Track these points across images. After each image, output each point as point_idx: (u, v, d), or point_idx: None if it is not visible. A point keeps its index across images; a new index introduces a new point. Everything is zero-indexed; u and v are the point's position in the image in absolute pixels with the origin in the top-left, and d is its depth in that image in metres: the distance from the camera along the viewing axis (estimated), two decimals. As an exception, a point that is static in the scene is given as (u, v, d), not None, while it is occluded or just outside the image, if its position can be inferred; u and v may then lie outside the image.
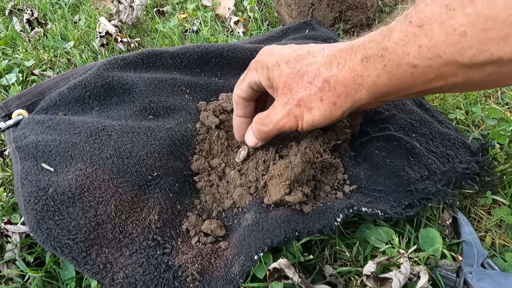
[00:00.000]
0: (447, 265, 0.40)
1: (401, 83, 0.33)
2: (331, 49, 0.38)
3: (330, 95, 0.37)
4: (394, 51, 0.32)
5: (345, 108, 0.38)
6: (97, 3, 1.09)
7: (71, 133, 0.49)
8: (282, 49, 0.41)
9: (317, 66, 0.38)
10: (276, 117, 0.41)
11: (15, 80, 0.72)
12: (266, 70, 0.41)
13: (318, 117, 0.39)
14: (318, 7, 0.88)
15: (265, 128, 0.43)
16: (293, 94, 0.39)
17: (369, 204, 0.43)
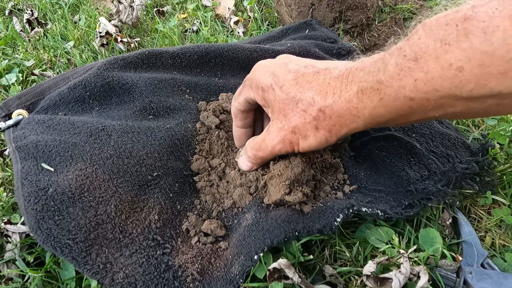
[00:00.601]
0: (447, 265, 0.40)
1: (399, 114, 0.33)
2: (326, 75, 0.37)
3: (325, 124, 0.36)
4: (390, 85, 0.31)
5: (340, 134, 0.37)
6: (97, 3, 1.09)
7: (71, 133, 0.49)
8: (277, 68, 0.40)
9: (311, 94, 0.37)
10: (272, 142, 0.41)
11: (15, 80, 0.72)
12: (261, 91, 0.40)
13: (314, 144, 0.38)
14: (318, 7, 0.88)
15: (261, 154, 0.43)
16: (287, 120, 0.38)
17: (369, 204, 0.43)
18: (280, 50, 0.67)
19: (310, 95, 0.37)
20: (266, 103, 0.41)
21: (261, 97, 0.41)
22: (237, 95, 0.46)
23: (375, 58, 0.33)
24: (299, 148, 0.40)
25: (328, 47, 0.73)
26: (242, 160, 0.47)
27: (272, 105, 0.40)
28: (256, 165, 0.46)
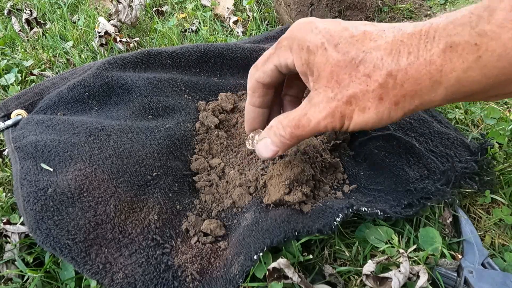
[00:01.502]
0: (447, 264, 0.40)
1: (498, 81, 0.26)
2: (395, 32, 0.29)
3: (393, 93, 0.29)
4: (496, 37, 0.24)
5: (407, 110, 0.30)
6: (96, 3, 1.09)
7: (70, 133, 0.49)
8: (327, 24, 0.32)
9: (379, 54, 0.29)
10: (318, 116, 0.33)
11: (14, 80, 0.72)
12: (306, 52, 0.32)
13: (372, 120, 0.31)
14: (317, 7, 0.88)
15: (300, 131, 0.34)
16: (342, 88, 0.31)
17: (368, 203, 0.43)
18: (280, 49, 0.67)
19: (378, 56, 0.29)
20: (308, 69, 0.33)
21: (304, 61, 0.33)
22: (261, 63, 0.38)
23: (470, 8, 0.27)
24: (351, 124, 0.32)
25: (328, 47, 0.73)
26: (263, 145, 0.38)
27: (320, 70, 0.32)
28: (286, 148, 0.37)
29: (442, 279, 0.39)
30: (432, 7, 0.99)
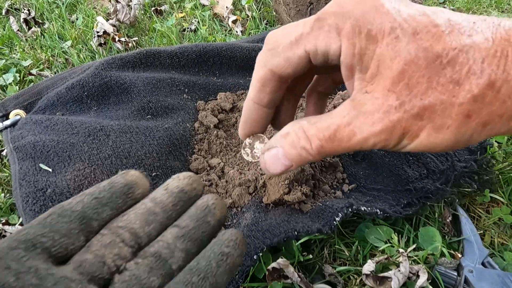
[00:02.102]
0: (447, 263, 0.40)
1: None
2: (493, 27, 0.22)
3: (488, 111, 0.21)
4: None
5: (494, 133, 0.23)
6: (95, 2, 1.08)
7: (69, 133, 0.48)
8: (397, 3, 0.23)
9: (479, 55, 0.21)
10: (369, 129, 0.24)
11: (12, 80, 0.71)
12: (364, 39, 0.23)
13: (446, 143, 0.23)
14: (316, 6, 0.88)
15: (335, 146, 0.25)
16: (414, 95, 0.22)
17: (368, 203, 0.43)
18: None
19: (477, 57, 0.21)
20: (361, 62, 0.24)
21: (358, 50, 0.23)
22: (285, 45, 0.26)
23: None
24: (412, 144, 0.24)
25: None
26: (272, 157, 0.28)
27: (383, 66, 0.23)
28: (303, 163, 0.28)
29: (442, 278, 0.39)
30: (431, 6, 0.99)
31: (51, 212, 0.22)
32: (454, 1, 1.01)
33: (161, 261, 0.23)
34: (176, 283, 0.22)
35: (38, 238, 0.21)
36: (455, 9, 0.94)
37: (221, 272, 0.24)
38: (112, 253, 0.22)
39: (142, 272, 0.22)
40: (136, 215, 0.24)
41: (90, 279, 0.21)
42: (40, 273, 0.19)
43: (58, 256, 0.21)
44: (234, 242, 0.25)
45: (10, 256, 0.19)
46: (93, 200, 0.24)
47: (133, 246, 0.23)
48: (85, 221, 0.23)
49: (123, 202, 0.25)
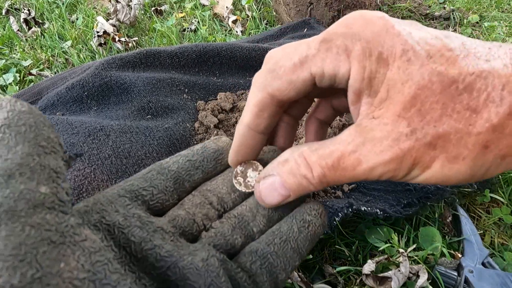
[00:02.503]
0: (447, 263, 0.40)
1: None
2: (509, 52, 0.21)
3: (507, 142, 0.20)
4: None
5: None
6: (95, 2, 1.08)
7: (69, 133, 0.48)
8: (406, 25, 0.22)
9: (498, 81, 0.20)
10: (376, 158, 0.22)
11: (12, 80, 0.71)
12: (375, 62, 0.22)
13: (461, 175, 0.21)
14: (316, 6, 0.88)
15: (338, 175, 0.23)
16: (427, 122, 0.21)
17: (368, 203, 0.43)
18: (279, 49, 0.67)
19: (496, 83, 0.20)
20: (370, 86, 0.22)
21: (368, 73, 0.22)
22: (287, 67, 0.24)
23: None
24: (422, 176, 0.22)
25: (327, 46, 0.73)
26: (269, 186, 0.25)
27: (393, 91, 0.22)
28: (303, 193, 0.25)
29: (442, 278, 0.39)
30: (431, 6, 0.99)
31: (151, 168, 0.25)
32: (454, 1, 1.01)
33: (243, 222, 0.25)
34: (259, 242, 0.24)
35: (140, 190, 0.23)
36: (454, 9, 0.95)
37: (303, 238, 0.25)
38: (202, 213, 0.24)
39: (226, 230, 0.24)
40: (224, 181, 0.26)
41: (181, 232, 0.23)
42: (142, 219, 0.22)
43: (155, 209, 0.24)
44: (316, 211, 0.26)
45: (118, 202, 0.22)
46: (187, 162, 0.26)
47: (219, 210, 0.25)
48: (179, 181, 0.25)
49: (213, 167, 0.27)
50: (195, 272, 0.20)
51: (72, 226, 0.18)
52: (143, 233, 0.21)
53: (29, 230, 0.15)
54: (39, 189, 0.17)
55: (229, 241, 0.23)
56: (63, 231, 0.17)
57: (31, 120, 0.18)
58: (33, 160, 0.17)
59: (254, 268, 0.22)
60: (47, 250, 0.16)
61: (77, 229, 0.18)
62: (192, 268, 0.20)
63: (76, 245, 0.17)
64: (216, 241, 0.23)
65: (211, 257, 0.21)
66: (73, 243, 0.17)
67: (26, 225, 0.16)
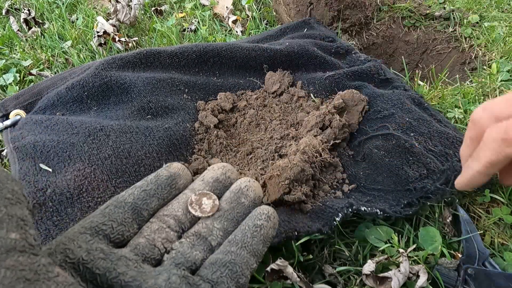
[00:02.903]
0: (447, 263, 0.40)
1: None
2: None
3: None
4: None
5: None
6: (95, 2, 1.08)
7: (69, 133, 0.48)
8: None
9: None
10: None
11: (12, 80, 0.71)
12: None
13: None
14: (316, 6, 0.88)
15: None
16: None
17: (368, 203, 0.43)
18: (279, 49, 0.67)
19: None
20: None
21: None
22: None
23: None
24: None
25: (327, 46, 0.73)
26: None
27: None
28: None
29: (442, 278, 0.39)
30: (431, 6, 0.99)
31: (109, 203, 0.26)
32: (454, 1, 1.01)
33: (201, 238, 0.27)
34: (217, 254, 0.26)
35: (100, 226, 0.25)
36: (454, 9, 0.95)
37: (257, 242, 0.27)
38: (161, 237, 0.26)
39: (186, 248, 0.26)
40: (178, 204, 0.28)
41: (144, 259, 0.24)
42: (105, 251, 0.23)
43: (116, 241, 0.25)
44: (266, 215, 0.29)
45: (80, 238, 0.23)
46: (142, 192, 0.28)
47: (177, 231, 0.27)
48: (137, 211, 0.27)
49: (168, 193, 0.29)
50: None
51: (44, 265, 0.19)
52: (107, 264, 0.22)
53: (5, 271, 0.17)
54: (9, 236, 0.18)
55: (189, 258, 0.25)
56: (36, 270, 0.18)
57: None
58: (0, 211, 0.19)
59: (215, 277, 0.24)
60: (23, 287, 0.17)
61: (49, 267, 0.19)
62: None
63: (50, 280, 0.18)
64: (178, 260, 0.25)
65: (173, 275, 0.23)
66: (47, 279, 0.18)
67: (1, 267, 0.17)
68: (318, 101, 0.60)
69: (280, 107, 0.61)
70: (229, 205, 0.29)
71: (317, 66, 0.67)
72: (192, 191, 0.29)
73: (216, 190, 0.30)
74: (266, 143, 0.54)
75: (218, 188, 0.30)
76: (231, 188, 0.30)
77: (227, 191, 0.31)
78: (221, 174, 0.31)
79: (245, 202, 0.29)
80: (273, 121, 0.58)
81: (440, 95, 0.66)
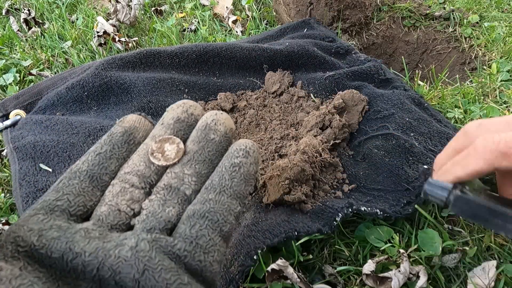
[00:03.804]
0: (451, 259, 0.40)
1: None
2: None
3: None
4: None
5: None
6: (95, 2, 1.08)
7: (69, 133, 0.48)
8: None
9: None
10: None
11: (12, 80, 0.71)
12: None
13: None
14: (316, 6, 0.88)
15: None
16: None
17: (368, 203, 0.43)
18: (279, 49, 0.67)
19: None
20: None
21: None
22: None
23: None
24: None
25: (327, 46, 0.73)
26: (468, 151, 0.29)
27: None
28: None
29: (430, 194, 0.32)
30: (431, 6, 0.99)
31: (62, 178, 0.23)
32: (454, 1, 1.01)
33: (172, 191, 0.23)
34: (194, 204, 0.23)
35: (53, 202, 0.22)
36: (454, 10, 0.95)
37: (237, 183, 0.24)
38: (125, 199, 0.23)
39: (156, 207, 0.22)
40: (139, 157, 0.25)
41: (110, 228, 0.22)
42: (62, 228, 0.20)
43: (79, 214, 0.22)
44: (244, 151, 0.25)
45: (31, 221, 0.21)
46: (96, 156, 0.24)
47: (143, 187, 0.24)
48: (95, 177, 0.23)
49: (126, 151, 0.25)
50: (125, 264, 0.19)
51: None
52: (62, 244, 0.20)
53: None
54: None
55: (162, 218, 0.22)
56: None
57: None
58: None
59: (194, 232, 0.21)
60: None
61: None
62: (121, 261, 0.20)
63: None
64: (149, 224, 0.22)
65: (141, 241, 0.20)
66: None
67: None
68: (318, 101, 0.60)
69: (280, 107, 0.61)
70: (197, 145, 0.25)
71: (317, 66, 0.67)
72: (153, 138, 0.25)
73: (179, 131, 0.26)
74: (266, 143, 0.54)
75: (182, 129, 0.26)
76: (197, 126, 0.26)
77: (194, 130, 0.26)
78: (182, 112, 0.26)
79: (215, 137, 0.25)
80: (273, 121, 0.58)
81: (440, 95, 0.66)
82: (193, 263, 0.21)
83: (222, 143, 0.25)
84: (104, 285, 0.20)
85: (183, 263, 0.20)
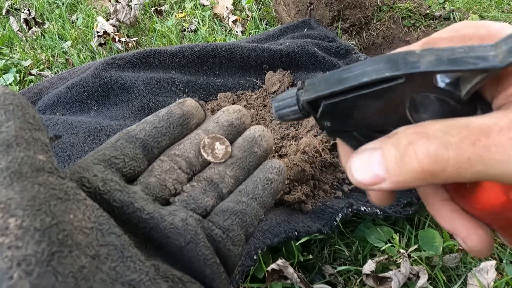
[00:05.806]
0: (452, 259, 0.40)
1: None
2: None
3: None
4: None
5: None
6: (95, 3, 1.08)
7: (69, 133, 0.48)
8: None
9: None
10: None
11: (12, 80, 0.71)
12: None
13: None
14: (316, 6, 0.88)
15: (476, 158, 0.16)
16: None
17: (368, 203, 0.43)
18: (279, 49, 0.67)
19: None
20: None
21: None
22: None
23: None
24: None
25: (327, 46, 0.73)
26: (364, 156, 0.19)
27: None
28: (406, 183, 0.17)
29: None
30: (431, 6, 0.99)
31: (119, 137, 0.25)
32: (454, 1, 1.01)
33: (213, 185, 0.26)
34: (229, 202, 0.25)
35: (112, 159, 0.24)
36: (454, 10, 0.95)
37: (267, 195, 0.27)
38: (172, 178, 0.25)
39: (198, 193, 0.25)
40: (191, 144, 0.27)
41: (155, 198, 0.24)
42: (120, 184, 0.23)
43: (128, 175, 0.24)
44: (277, 170, 0.28)
45: (95, 168, 0.23)
46: (153, 129, 0.26)
47: (188, 173, 0.26)
48: (148, 148, 0.26)
49: (179, 133, 0.28)
50: (175, 231, 0.22)
51: (72, 187, 0.19)
52: (124, 197, 0.22)
53: (38, 187, 0.17)
54: (37, 157, 0.18)
55: (200, 204, 0.25)
56: (65, 191, 0.18)
57: (17, 101, 0.20)
58: (26, 133, 0.19)
59: (226, 224, 0.24)
60: (56, 204, 0.17)
61: (76, 190, 0.19)
62: (173, 228, 0.22)
63: (80, 202, 0.19)
64: (189, 205, 0.25)
65: (190, 217, 0.23)
66: (77, 200, 0.19)
67: (35, 183, 0.17)
68: None
69: (280, 107, 0.61)
70: (242, 153, 0.28)
71: (317, 66, 0.67)
72: (205, 132, 0.28)
73: (229, 134, 0.29)
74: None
75: (232, 133, 0.29)
76: (245, 135, 0.29)
77: (240, 137, 0.29)
78: (236, 118, 0.29)
79: (258, 152, 0.28)
80: (273, 121, 0.58)
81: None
82: (223, 249, 0.23)
83: (261, 158, 0.29)
84: (149, 244, 0.22)
85: (216, 247, 0.23)
